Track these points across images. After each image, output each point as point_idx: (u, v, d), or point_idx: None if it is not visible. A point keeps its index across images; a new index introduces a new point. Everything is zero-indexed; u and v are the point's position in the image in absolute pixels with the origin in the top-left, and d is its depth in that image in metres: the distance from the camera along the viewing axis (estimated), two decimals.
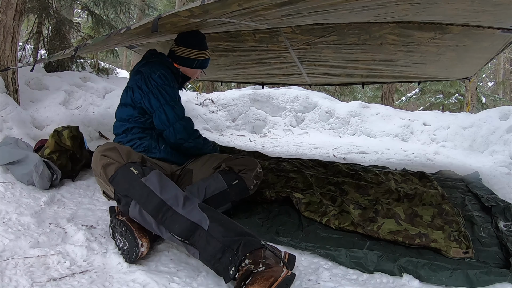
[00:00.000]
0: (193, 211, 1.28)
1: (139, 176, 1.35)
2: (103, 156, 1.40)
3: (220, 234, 1.22)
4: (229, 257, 1.18)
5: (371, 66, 3.28)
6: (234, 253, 1.17)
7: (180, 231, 1.25)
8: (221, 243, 1.20)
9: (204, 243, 1.22)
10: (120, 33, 1.53)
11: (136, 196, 1.32)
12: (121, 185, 1.36)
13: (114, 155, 1.40)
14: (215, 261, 1.20)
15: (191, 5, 1.29)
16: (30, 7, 4.58)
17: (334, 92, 11.74)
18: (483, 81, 20.14)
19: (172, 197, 1.31)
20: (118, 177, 1.36)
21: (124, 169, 1.37)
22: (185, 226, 1.25)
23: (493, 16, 1.85)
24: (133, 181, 1.34)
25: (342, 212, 1.87)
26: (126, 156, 1.40)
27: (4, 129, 2.51)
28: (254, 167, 1.84)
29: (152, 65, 1.83)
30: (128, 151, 1.45)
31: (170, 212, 1.28)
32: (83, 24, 8.77)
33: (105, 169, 1.38)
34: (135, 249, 1.30)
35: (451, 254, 1.49)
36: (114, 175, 1.37)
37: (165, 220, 1.28)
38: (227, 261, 1.18)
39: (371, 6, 1.59)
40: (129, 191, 1.34)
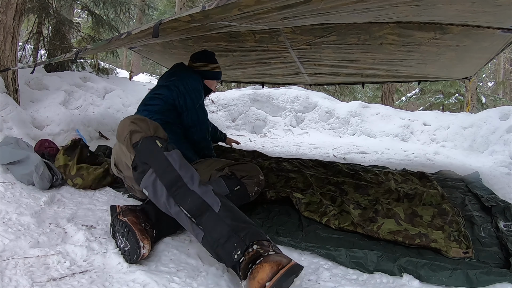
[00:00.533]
0: (207, 193, 1.31)
1: (162, 149, 1.38)
2: (132, 123, 1.43)
3: (229, 219, 1.23)
4: (234, 243, 1.18)
5: (371, 66, 3.28)
6: (240, 239, 1.18)
7: (191, 207, 1.27)
8: (229, 227, 1.21)
9: (212, 225, 1.23)
10: (121, 38, 1.53)
11: (155, 165, 1.34)
12: (143, 152, 1.38)
13: (143, 125, 1.43)
14: (217, 245, 1.21)
15: (192, 10, 1.29)
16: (30, 7, 4.58)
17: (334, 92, 11.74)
18: (483, 81, 20.14)
19: (189, 176, 1.34)
20: (142, 145, 1.39)
21: (149, 139, 1.40)
22: (197, 204, 1.27)
23: (493, 16, 1.85)
24: (156, 152, 1.37)
25: (342, 212, 1.87)
26: (153, 130, 1.44)
27: (4, 129, 2.52)
28: (256, 174, 1.87)
29: (187, 72, 2.19)
30: (156, 126, 1.48)
31: (184, 188, 1.30)
32: (83, 24, 8.77)
33: (132, 135, 1.40)
34: (137, 251, 1.30)
35: (451, 254, 1.49)
36: (139, 141, 1.39)
37: (177, 194, 1.29)
38: (231, 247, 1.18)
39: (371, 8, 1.59)
40: (149, 159, 1.36)
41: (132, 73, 8.74)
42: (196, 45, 2.95)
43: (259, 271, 1.08)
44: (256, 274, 1.08)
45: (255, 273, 1.08)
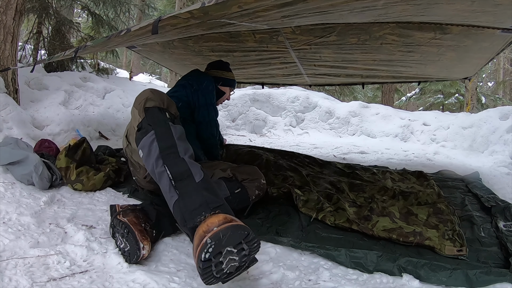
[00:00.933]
0: (194, 164, 1.37)
1: (169, 120, 1.49)
2: (151, 92, 1.58)
3: (206, 191, 1.28)
4: (202, 211, 1.20)
5: (371, 66, 3.28)
6: (209, 210, 1.21)
7: (175, 170, 1.33)
8: (203, 198, 1.24)
9: (187, 191, 1.28)
10: (120, 35, 1.53)
11: (158, 129, 1.44)
12: (150, 116, 1.49)
13: (159, 97, 1.57)
14: (186, 210, 1.23)
15: (192, 7, 1.29)
16: (30, 7, 4.58)
17: (334, 92, 11.75)
18: (483, 81, 20.15)
19: (184, 147, 1.42)
20: (153, 111, 1.51)
21: (161, 109, 1.52)
22: (181, 169, 1.33)
23: (493, 16, 1.85)
24: (163, 120, 1.48)
25: (338, 209, 1.89)
26: (167, 104, 1.57)
27: (4, 129, 2.52)
28: (258, 178, 1.88)
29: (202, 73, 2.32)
30: (171, 102, 1.60)
31: (176, 154, 1.38)
32: (83, 24, 8.77)
33: (147, 101, 1.54)
34: (137, 252, 1.30)
35: (444, 252, 1.50)
36: (151, 108, 1.52)
37: (168, 156, 1.37)
38: (198, 214, 1.20)
39: (371, 7, 1.59)
40: (154, 123, 1.46)
41: (132, 73, 8.74)
42: (196, 45, 2.95)
43: (212, 217, 1.11)
44: (208, 219, 1.11)
45: (207, 219, 1.11)
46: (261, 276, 1.29)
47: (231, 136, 5.71)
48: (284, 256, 1.47)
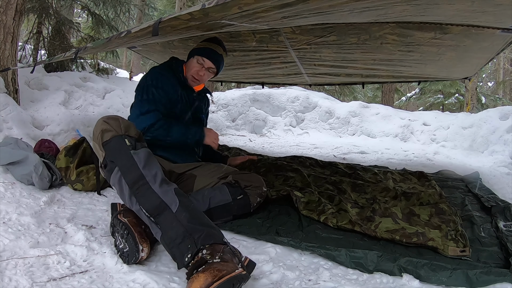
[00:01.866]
0: (167, 193, 1.34)
1: (130, 148, 1.42)
2: (104, 122, 1.47)
3: (185, 220, 1.26)
4: (187, 245, 1.20)
5: (371, 66, 3.28)
6: (193, 241, 1.20)
7: (149, 207, 1.31)
8: (184, 228, 1.23)
9: (168, 225, 1.26)
10: (120, 36, 1.53)
11: (120, 164, 1.39)
12: (111, 151, 1.43)
13: (114, 124, 1.46)
14: (173, 245, 1.23)
15: (192, 9, 1.29)
16: (30, 7, 4.58)
17: (334, 92, 11.75)
18: (483, 81, 20.15)
19: (152, 175, 1.37)
20: (111, 144, 1.43)
21: (118, 138, 1.43)
22: (155, 204, 1.31)
23: (493, 16, 1.85)
24: (123, 150, 1.41)
25: (340, 210, 1.88)
26: (125, 129, 1.47)
27: (4, 129, 2.51)
28: (260, 186, 1.88)
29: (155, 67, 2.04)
30: (128, 124, 1.50)
31: (146, 186, 1.34)
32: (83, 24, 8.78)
33: (103, 134, 1.45)
34: (135, 254, 1.30)
35: (448, 252, 1.50)
36: (108, 141, 1.43)
37: (138, 193, 1.34)
38: (185, 248, 1.20)
39: (371, 7, 1.59)
40: (116, 158, 1.41)
41: (132, 73, 8.75)
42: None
43: (194, 281, 1.07)
44: (191, 284, 1.07)
45: (190, 282, 1.08)
46: (261, 276, 1.29)
47: (231, 136, 5.71)
48: (284, 256, 1.47)
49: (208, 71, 2.01)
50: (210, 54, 1.99)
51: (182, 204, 1.31)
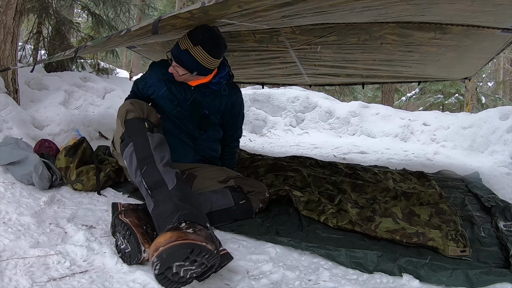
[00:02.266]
0: (168, 172, 1.44)
1: (147, 129, 1.56)
2: (131, 103, 1.64)
3: (177, 198, 1.35)
4: (172, 218, 1.27)
5: (371, 66, 3.28)
6: (179, 216, 1.27)
7: (149, 180, 1.42)
8: (174, 204, 1.32)
9: (161, 199, 1.36)
10: (120, 34, 1.53)
11: (135, 141, 1.53)
12: (130, 129, 1.58)
13: (138, 107, 1.63)
14: (160, 218, 1.31)
15: (192, 7, 1.29)
16: (30, 7, 4.58)
17: (334, 92, 11.75)
18: (483, 81, 20.15)
19: (160, 156, 1.49)
20: (132, 123, 1.59)
21: (140, 119, 1.59)
22: (155, 179, 1.41)
23: (493, 16, 1.85)
24: (141, 131, 1.55)
25: (340, 210, 1.88)
26: (147, 113, 1.63)
27: (4, 129, 2.51)
28: (262, 192, 1.89)
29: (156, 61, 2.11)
30: (150, 110, 1.66)
31: (152, 164, 1.46)
32: (83, 24, 8.77)
33: (127, 113, 1.61)
34: (138, 255, 1.30)
35: (448, 252, 1.50)
36: (130, 120, 1.59)
37: (144, 167, 1.46)
38: (169, 221, 1.27)
39: (371, 7, 1.60)
40: (133, 135, 1.55)
41: (132, 73, 8.74)
42: None
43: (159, 236, 1.13)
44: (156, 239, 1.13)
45: (157, 237, 1.14)
46: (261, 276, 1.29)
47: None
48: (284, 256, 1.47)
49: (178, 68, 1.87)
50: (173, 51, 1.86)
51: (179, 185, 1.40)
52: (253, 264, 1.38)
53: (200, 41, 1.76)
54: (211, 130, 2.04)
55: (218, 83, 1.97)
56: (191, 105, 1.95)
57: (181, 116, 1.97)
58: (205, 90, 1.97)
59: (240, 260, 1.40)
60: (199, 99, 1.96)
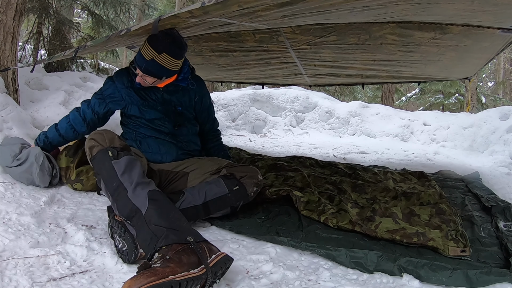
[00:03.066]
0: (139, 196, 1.41)
1: (112, 158, 1.52)
2: (91, 139, 1.61)
3: (152, 222, 1.32)
4: (152, 245, 1.24)
5: (371, 66, 3.28)
6: (155, 243, 1.24)
7: (125, 211, 1.40)
8: (150, 230, 1.30)
9: (139, 227, 1.34)
10: (120, 34, 1.53)
11: (103, 175, 1.51)
12: (97, 165, 1.56)
13: (99, 139, 1.59)
14: (144, 246, 1.29)
15: (192, 7, 1.29)
16: (30, 7, 4.57)
17: (334, 92, 11.75)
18: (483, 81, 20.15)
19: (129, 180, 1.46)
20: (97, 158, 1.56)
21: (103, 151, 1.55)
22: (129, 208, 1.39)
23: (493, 16, 1.85)
24: (105, 162, 1.52)
25: (340, 210, 1.88)
26: (109, 141, 1.58)
27: (4, 129, 2.51)
28: (255, 175, 1.89)
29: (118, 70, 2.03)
30: (112, 137, 1.61)
31: (123, 193, 1.44)
32: (83, 24, 8.77)
33: (90, 150, 1.59)
34: (134, 251, 1.31)
35: (448, 252, 1.50)
36: (94, 156, 1.57)
37: (117, 200, 1.44)
38: (151, 248, 1.24)
39: (371, 6, 1.60)
40: (100, 170, 1.54)
41: None
42: (196, 45, 2.95)
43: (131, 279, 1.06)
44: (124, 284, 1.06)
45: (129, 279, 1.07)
46: (261, 276, 1.29)
47: (231, 136, 5.71)
48: (284, 256, 1.47)
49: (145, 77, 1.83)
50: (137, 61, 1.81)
51: (151, 207, 1.37)
52: (253, 264, 1.38)
53: (164, 48, 1.74)
54: (188, 125, 2.02)
55: (184, 79, 1.97)
56: (163, 105, 1.93)
57: (156, 117, 1.92)
58: (173, 88, 1.96)
59: (240, 260, 1.40)
60: (169, 98, 1.95)
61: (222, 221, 1.77)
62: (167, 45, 1.75)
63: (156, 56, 1.75)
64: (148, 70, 1.79)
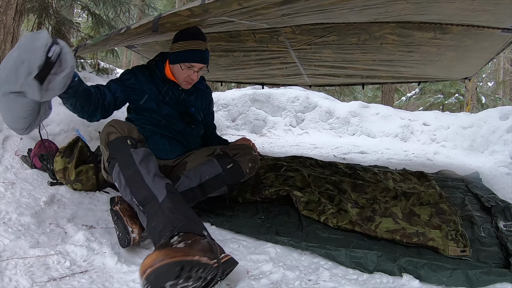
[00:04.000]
0: (157, 185, 1.41)
1: (130, 146, 1.53)
2: (110, 125, 1.59)
3: (168, 210, 1.32)
4: (166, 232, 1.25)
5: (371, 66, 3.28)
6: (172, 229, 1.24)
7: (139, 196, 1.40)
8: (166, 217, 1.29)
9: (153, 213, 1.34)
10: (120, 33, 1.53)
11: (120, 160, 1.50)
12: (113, 150, 1.54)
13: (119, 127, 1.58)
14: (155, 232, 1.29)
15: (191, 4, 1.29)
16: (30, 7, 4.57)
17: (334, 92, 11.75)
18: (483, 81, 20.16)
19: (147, 170, 1.46)
20: (114, 143, 1.54)
21: (121, 138, 1.55)
22: (145, 194, 1.39)
23: (493, 15, 1.85)
24: (124, 148, 1.52)
25: (340, 210, 1.88)
26: (128, 131, 1.58)
27: (4, 129, 2.51)
28: (248, 151, 1.87)
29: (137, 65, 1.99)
30: (131, 127, 1.61)
31: (139, 179, 1.43)
32: (83, 24, 8.77)
33: (108, 135, 1.57)
34: (127, 236, 1.39)
35: (448, 252, 1.50)
36: (112, 141, 1.55)
37: (132, 184, 1.43)
38: (163, 234, 1.25)
39: (371, 5, 1.59)
40: (117, 155, 1.52)
41: None
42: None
43: (148, 257, 1.09)
44: (144, 260, 1.09)
45: (145, 259, 1.10)
46: (261, 276, 1.29)
47: (231, 136, 5.71)
48: (284, 256, 1.47)
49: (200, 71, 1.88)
50: (196, 56, 1.81)
51: (169, 196, 1.38)
52: (253, 264, 1.38)
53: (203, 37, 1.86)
54: (197, 126, 2.04)
55: (200, 82, 2.02)
56: (178, 104, 1.94)
57: (171, 114, 1.92)
58: (190, 90, 1.98)
59: (240, 260, 1.40)
60: (186, 98, 1.97)
61: (222, 221, 1.77)
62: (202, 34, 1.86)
63: (205, 44, 1.86)
64: (206, 59, 1.85)
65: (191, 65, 1.82)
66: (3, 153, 2.23)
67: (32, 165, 2.21)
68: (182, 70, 1.83)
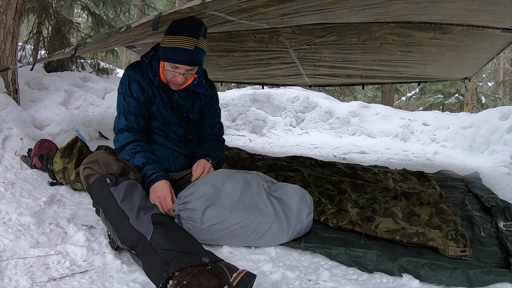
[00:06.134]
0: (142, 222, 1.31)
1: (110, 185, 1.43)
2: (85, 168, 1.51)
3: (159, 247, 1.21)
4: (163, 273, 1.13)
5: (371, 66, 3.28)
6: (166, 269, 1.13)
7: (129, 240, 1.29)
8: (159, 256, 1.19)
9: (145, 255, 1.23)
10: (120, 31, 1.52)
11: (102, 204, 1.42)
12: (94, 194, 1.46)
13: (95, 167, 1.49)
14: (152, 274, 1.18)
15: (192, 3, 1.30)
16: (30, 7, 4.57)
17: (334, 92, 11.75)
18: (483, 81, 20.16)
19: (130, 206, 1.37)
20: (94, 186, 1.46)
21: (100, 179, 1.46)
22: (132, 237, 1.29)
23: (493, 15, 1.85)
24: (104, 189, 1.43)
25: (340, 210, 1.88)
26: (105, 168, 1.48)
27: (4, 129, 2.51)
28: None
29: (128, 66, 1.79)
30: (108, 162, 1.50)
31: (124, 221, 1.33)
32: (83, 24, 8.77)
33: (87, 179, 1.49)
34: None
35: (448, 252, 1.50)
36: (92, 184, 1.47)
37: (119, 228, 1.34)
38: (161, 276, 1.13)
39: (371, 5, 1.59)
40: (99, 199, 1.43)
41: None
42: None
43: None
44: None
45: None
46: (261, 276, 1.29)
47: (231, 136, 5.71)
48: (284, 256, 1.47)
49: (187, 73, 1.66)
50: (182, 57, 1.59)
51: (157, 231, 1.27)
52: (253, 264, 1.38)
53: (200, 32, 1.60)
54: (196, 133, 1.90)
55: (200, 84, 1.79)
56: (174, 109, 1.79)
57: (172, 120, 1.79)
58: (186, 93, 1.81)
59: (240, 260, 1.40)
60: (181, 102, 1.81)
61: None
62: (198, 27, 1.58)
63: (196, 42, 1.59)
64: (194, 60, 1.61)
65: (175, 66, 1.61)
66: (3, 153, 2.23)
67: (32, 165, 2.21)
68: (169, 67, 1.63)
